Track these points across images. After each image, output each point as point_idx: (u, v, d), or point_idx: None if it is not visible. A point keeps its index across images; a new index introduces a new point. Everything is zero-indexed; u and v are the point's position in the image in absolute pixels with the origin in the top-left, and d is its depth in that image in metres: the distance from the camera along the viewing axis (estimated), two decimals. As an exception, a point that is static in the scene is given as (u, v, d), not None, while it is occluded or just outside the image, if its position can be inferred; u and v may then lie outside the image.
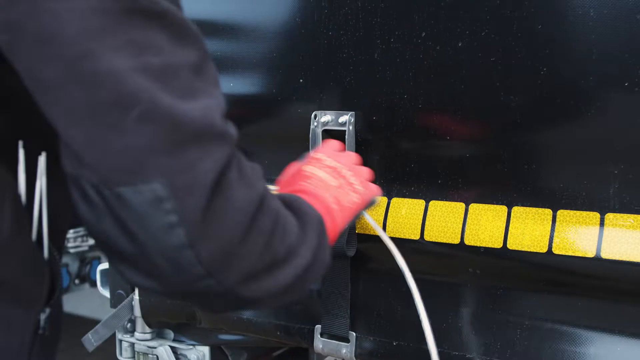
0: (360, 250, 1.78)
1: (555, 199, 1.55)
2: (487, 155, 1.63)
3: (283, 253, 1.11)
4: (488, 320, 1.67)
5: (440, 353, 1.71)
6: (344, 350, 1.82)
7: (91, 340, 2.19)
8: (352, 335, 1.82)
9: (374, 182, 1.59)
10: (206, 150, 0.99)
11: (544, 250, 1.55)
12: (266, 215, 1.08)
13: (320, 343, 1.87)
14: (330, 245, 1.29)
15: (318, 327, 1.87)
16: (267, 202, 1.09)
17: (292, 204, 1.23)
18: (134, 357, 2.29)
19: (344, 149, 1.65)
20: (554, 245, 1.54)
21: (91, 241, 4.29)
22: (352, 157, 1.54)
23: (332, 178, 1.42)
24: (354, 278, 1.82)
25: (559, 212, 1.54)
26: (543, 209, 1.56)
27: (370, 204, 1.50)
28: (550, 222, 1.55)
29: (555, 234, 1.54)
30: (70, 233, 4.26)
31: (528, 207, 1.58)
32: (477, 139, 1.64)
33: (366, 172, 1.54)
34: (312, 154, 1.48)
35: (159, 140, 0.94)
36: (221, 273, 1.02)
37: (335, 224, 1.36)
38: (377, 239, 1.72)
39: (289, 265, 1.13)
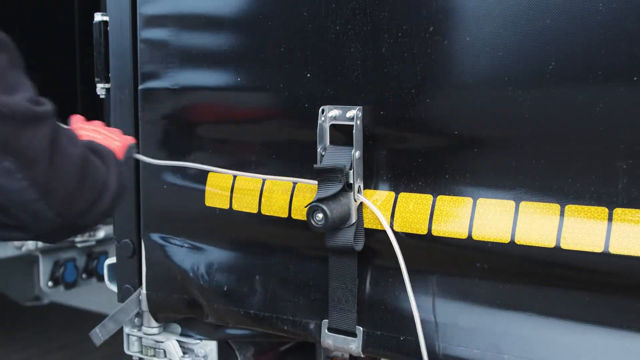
0: (367, 245, 1.78)
1: (563, 194, 1.54)
2: (494, 150, 1.62)
3: (100, 186, 1.51)
4: (494, 315, 1.67)
5: (442, 348, 1.72)
6: (352, 345, 1.82)
7: (99, 334, 2.20)
8: (360, 330, 1.82)
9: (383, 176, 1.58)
10: (36, 129, 1.37)
11: (552, 245, 1.55)
12: (89, 163, 1.48)
13: (327, 338, 1.87)
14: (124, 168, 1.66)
15: (325, 321, 1.87)
16: (88, 154, 1.50)
17: (91, 147, 1.58)
18: (141, 351, 2.29)
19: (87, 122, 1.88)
20: (562, 240, 1.53)
21: (99, 236, 4.30)
22: (99, 124, 1.85)
23: (96, 134, 1.76)
24: (360, 273, 1.82)
25: (567, 207, 1.53)
26: (551, 203, 1.56)
27: (131, 148, 1.80)
28: (559, 217, 1.54)
29: (564, 229, 1.53)
30: (78, 228, 4.27)
31: (536, 202, 1.57)
32: (484, 134, 1.64)
33: (117, 130, 1.85)
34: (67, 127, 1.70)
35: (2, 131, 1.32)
36: (67, 213, 1.44)
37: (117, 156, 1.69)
38: (384, 234, 1.72)
39: (106, 194, 1.52)
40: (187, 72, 2.04)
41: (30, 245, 4.04)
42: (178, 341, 2.23)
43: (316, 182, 1.76)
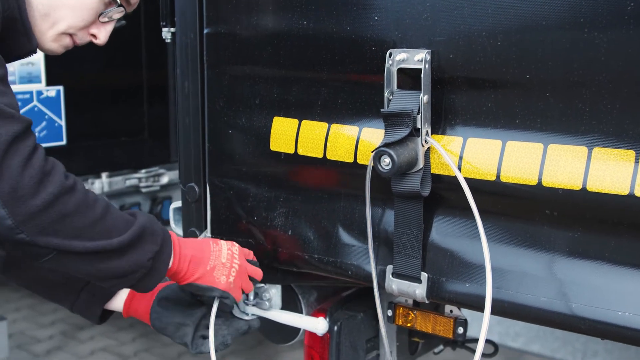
0: (434, 191, 1.76)
1: (638, 140, 1.50)
2: (567, 95, 1.58)
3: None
4: (563, 262, 1.65)
5: (509, 296, 1.70)
6: (417, 291, 1.82)
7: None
8: (425, 275, 1.81)
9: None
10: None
11: (626, 192, 1.51)
12: (69, 193, 1.61)
13: (392, 283, 1.86)
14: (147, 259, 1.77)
15: (390, 267, 1.86)
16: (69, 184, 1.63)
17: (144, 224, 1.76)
18: (206, 294, 2.32)
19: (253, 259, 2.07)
20: (636, 187, 1.50)
21: (163, 181, 4.35)
22: (250, 268, 2.02)
23: (226, 257, 1.96)
24: (426, 219, 1.80)
25: (643, 154, 1.49)
26: (626, 150, 1.51)
27: (223, 295, 1.94)
28: (633, 164, 1.50)
29: (638, 175, 1.49)
30: (142, 173, 4.33)
31: (610, 148, 1.53)
32: (557, 78, 1.59)
33: (248, 284, 2.01)
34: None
35: None
36: (24, 225, 1.55)
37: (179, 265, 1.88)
38: (451, 179, 1.70)
39: (72, 196, 1.63)
40: (252, 15, 2.02)
41: (96, 189, 4.11)
42: (242, 284, 2.25)
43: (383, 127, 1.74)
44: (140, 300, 2.15)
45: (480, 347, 1.62)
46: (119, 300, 2.17)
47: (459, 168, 1.70)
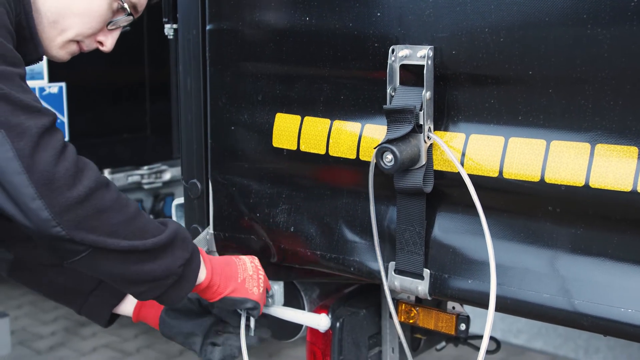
0: (436, 188, 1.76)
1: (641, 136, 1.50)
2: (570, 91, 1.58)
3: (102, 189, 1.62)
4: (565, 259, 1.64)
5: (512, 293, 1.70)
6: (419, 287, 1.82)
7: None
8: (427, 272, 1.81)
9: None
10: (31, 115, 1.55)
11: (628, 189, 1.51)
12: (104, 188, 1.62)
13: (394, 280, 1.86)
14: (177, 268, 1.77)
15: (392, 263, 1.86)
16: (103, 184, 1.63)
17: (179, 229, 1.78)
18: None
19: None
20: (639, 184, 1.49)
21: (165, 177, 4.35)
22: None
23: (251, 269, 1.99)
24: (429, 215, 1.80)
25: (645, 150, 1.49)
26: (628, 146, 1.51)
27: (256, 306, 1.98)
28: (636, 160, 1.50)
29: (641, 172, 1.49)
30: (144, 169, 4.33)
31: (612, 145, 1.53)
32: (560, 74, 1.59)
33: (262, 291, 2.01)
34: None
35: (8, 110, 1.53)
36: (61, 217, 1.54)
37: (211, 277, 1.89)
38: (454, 175, 1.70)
39: (106, 193, 1.62)
40: (254, 11, 2.02)
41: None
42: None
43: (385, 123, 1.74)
44: (150, 307, 2.15)
45: (484, 343, 1.62)
46: (128, 305, 2.16)
47: (462, 164, 1.70)
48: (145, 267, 1.70)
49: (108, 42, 1.92)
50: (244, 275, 1.96)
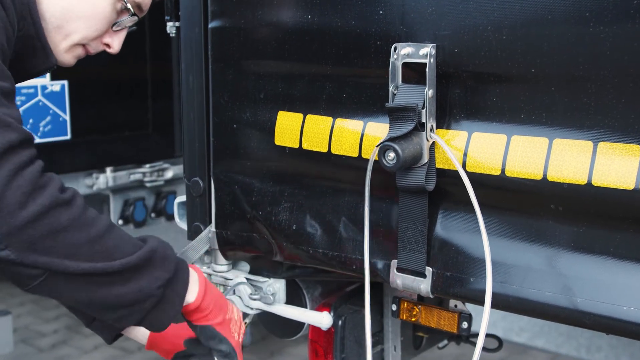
0: (439, 186, 1.76)
1: (644, 135, 1.50)
2: (573, 89, 1.57)
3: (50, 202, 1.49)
4: (568, 257, 1.64)
5: (514, 291, 1.70)
6: (421, 286, 1.82)
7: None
8: (429, 270, 1.81)
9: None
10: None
11: (631, 187, 1.51)
12: (64, 206, 1.51)
13: (396, 278, 1.86)
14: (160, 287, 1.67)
15: (394, 261, 1.86)
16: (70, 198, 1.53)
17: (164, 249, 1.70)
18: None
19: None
20: (641, 182, 1.49)
21: (167, 175, 4.35)
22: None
23: (237, 316, 1.91)
24: (431, 213, 1.80)
25: (648, 148, 1.49)
26: (631, 144, 1.51)
27: (232, 353, 1.85)
28: (639, 158, 1.50)
29: (644, 170, 1.49)
30: (146, 167, 4.33)
31: (615, 143, 1.53)
32: (562, 72, 1.59)
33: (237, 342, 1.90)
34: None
35: None
36: (9, 239, 1.43)
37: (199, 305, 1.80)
38: (456, 174, 1.70)
39: (64, 212, 1.51)
40: (257, 9, 2.02)
41: (100, 184, 4.12)
42: (247, 279, 2.26)
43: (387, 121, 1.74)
44: (164, 338, 2.02)
45: (480, 341, 1.62)
46: (142, 330, 2.03)
47: (464, 163, 1.70)
48: (113, 291, 1.59)
49: (115, 43, 1.90)
50: (231, 315, 1.88)
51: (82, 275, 1.54)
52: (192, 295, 1.78)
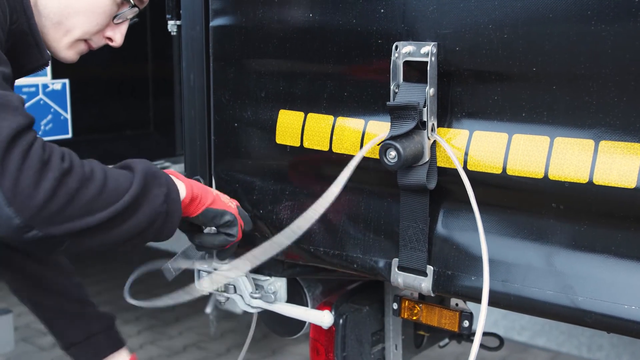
0: (440, 184, 1.76)
1: (645, 133, 1.50)
2: (574, 87, 1.57)
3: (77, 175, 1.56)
4: (569, 256, 1.64)
5: (515, 290, 1.70)
6: (422, 284, 1.82)
7: (170, 269, 2.23)
8: (430, 269, 1.81)
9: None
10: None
11: (632, 186, 1.51)
12: (70, 172, 1.54)
13: (397, 276, 1.86)
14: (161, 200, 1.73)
15: (395, 260, 1.86)
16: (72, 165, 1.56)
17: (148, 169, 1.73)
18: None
19: None
20: (643, 180, 1.49)
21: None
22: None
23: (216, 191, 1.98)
24: (432, 212, 1.80)
25: (650, 147, 1.49)
26: (633, 143, 1.51)
27: (234, 220, 1.93)
28: (640, 157, 1.50)
29: (645, 169, 1.49)
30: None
31: (617, 142, 1.53)
32: (564, 71, 1.59)
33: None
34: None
35: None
36: (34, 220, 1.48)
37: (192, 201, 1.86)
38: (457, 172, 1.70)
39: (91, 184, 1.57)
40: (258, 8, 2.02)
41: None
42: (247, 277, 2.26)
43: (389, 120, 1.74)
44: None
45: (477, 339, 1.62)
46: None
47: (465, 161, 1.70)
48: (132, 223, 1.66)
49: (117, 36, 1.90)
50: (216, 192, 1.96)
51: (103, 224, 1.61)
52: (182, 192, 1.84)
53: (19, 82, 1.66)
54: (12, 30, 1.71)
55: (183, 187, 1.83)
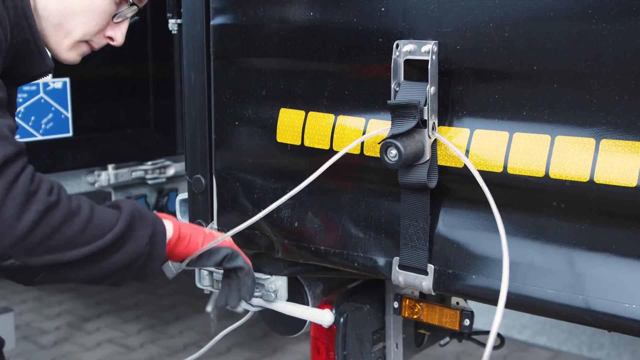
0: (441, 183, 1.76)
1: (646, 132, 1.50)
2: (575, 86, 1.57)
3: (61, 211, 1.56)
4: (570, 254, 1.64)
5: (516, 288, 1.70)
6: (423, 283, 1.82)
7: (171, 268, 2.23)
8: (431, 267, 1.81)
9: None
10: None
11: (634, 184, 1.51)
12: (55, 206, 1.54)
13: (398, 275, 1.86)
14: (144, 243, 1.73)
15: (396, 259, 1.86)
16: (58, 200, 1.56)
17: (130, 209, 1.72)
18: (212, 285, 2.33)
19: None
20: (644, 179, 1.49)
21: (169, 173, 4.35)
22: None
23: (208, 231, 1.95)
24: (433, 210, 1.80)
25: (651, 145, 1.49)
26: (633, 142, 1.51)
27: (233, 253, 1.93)
28: (641, 156, 1.50)
29: (646, 167, 1.49)
30: (148, 165, 4.33)
31: (617, 140, 1.53)
32: (565, 69, 1.59)
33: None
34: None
35: None
36: (13, 249, 1.50)
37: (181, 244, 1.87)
38: (458, 170, 1.70)
39: (75, 219, 1.58)
40: (258, 6, 2.02)
41: (102, 181, 4.11)
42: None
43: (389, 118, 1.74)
44: None
45: (491, 338, 1.62)
46: None
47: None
48: (113, 260, 1.67)
49: (117, 35, 1.90)
50: (208, 230, 1.95)
51: (84, 259, 1.62)
52: (170, 231, 1.84)
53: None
54: (14, 44, 1.70)
55: (171, 226, 1.84)
